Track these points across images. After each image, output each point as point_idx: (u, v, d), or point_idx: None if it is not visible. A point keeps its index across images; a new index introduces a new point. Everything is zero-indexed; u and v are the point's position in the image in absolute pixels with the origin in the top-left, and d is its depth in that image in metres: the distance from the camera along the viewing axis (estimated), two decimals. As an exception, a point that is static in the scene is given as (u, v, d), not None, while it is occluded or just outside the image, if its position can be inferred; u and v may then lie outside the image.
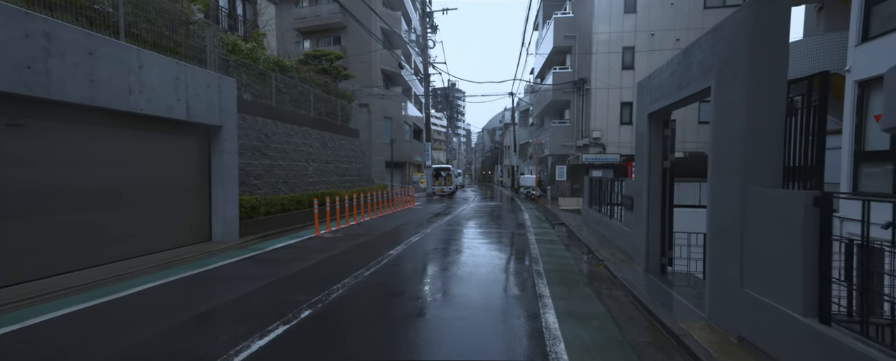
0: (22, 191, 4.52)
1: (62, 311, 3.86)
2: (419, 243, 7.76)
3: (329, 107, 14.81)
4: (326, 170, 13.40)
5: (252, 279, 5.06)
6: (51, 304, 4.05)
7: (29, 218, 4.58)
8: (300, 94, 12.68)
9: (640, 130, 5.63)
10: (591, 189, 9.86)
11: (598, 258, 6.38)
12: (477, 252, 7.02)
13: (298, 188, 11.26)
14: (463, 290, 4.72)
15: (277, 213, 9.23)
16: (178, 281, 5.01)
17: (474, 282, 5.03)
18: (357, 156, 16.60)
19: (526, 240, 8.25)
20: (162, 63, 5.89)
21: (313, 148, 12.81)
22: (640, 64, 19.18)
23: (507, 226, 10.50)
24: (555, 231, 9.89)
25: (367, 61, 26.16)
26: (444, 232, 9.28)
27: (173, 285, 4.83)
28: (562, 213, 14.13)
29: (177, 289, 4.68)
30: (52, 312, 3.83)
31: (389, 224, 10.68)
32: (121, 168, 5.64)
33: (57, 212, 4.84)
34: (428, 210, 15.00)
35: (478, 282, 5.03)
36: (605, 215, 8.15)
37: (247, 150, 9.31)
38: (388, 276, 5.28)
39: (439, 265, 5.97)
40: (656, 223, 5.27)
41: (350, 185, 14.99)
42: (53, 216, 4.81)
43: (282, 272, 5.41)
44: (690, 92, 4.01)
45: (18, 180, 4.50)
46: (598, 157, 19.04)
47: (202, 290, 4.68)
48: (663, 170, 5.26)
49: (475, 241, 8.16)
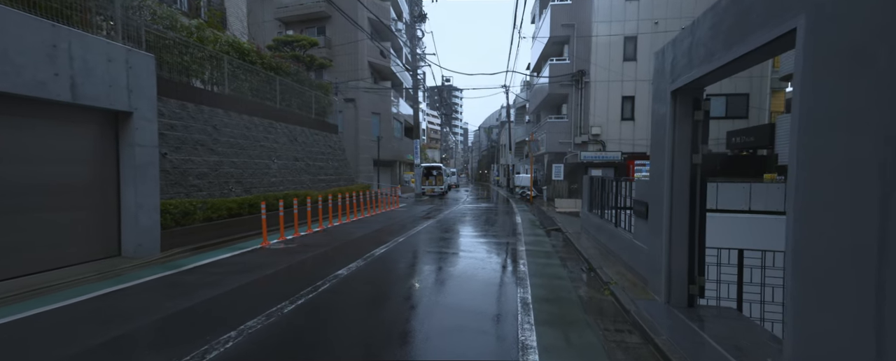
0: None
1: None
2: (382, 258, 6.36)
3: (302, 99, 13.37)
4: (295, 168, 11.97)
5: (118, 319, 3.65)
6: None
7: None
8: (263, 83, 11.23)
9: (658, 115, 4.24)
10: (591, 190, 8.48)
11: (602, 280, 4.99)
12: (452, 270, 5.63)
13: (257, 188, 9.83)
14: (419, 343, 3.32)
15: (222, 219, 7.80)
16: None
17: (435, 325, 3.63)
18: (335, 154, 15.17)
19: (515, 253, 6.86)
20: (22, 22, 4.45)
21: (279, 143, 11.38)
22: (643, 55, 17.82)
23: (495, 233, 9.11)
24: (549, 239, 8.51)
25: (353, 53, 24.70)
26: (420, 242, 7.88)
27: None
28: (558, 216, 12.76)
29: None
30: None
31: (359, 230, 9.27)
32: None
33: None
34: (411, 213, 13.60)
35: (441, 326, 3.63)
36: (608, 222, 6.77)
37: (186, 144, 7.88)
38: (319, 313, 3.88)
39: (399, 293, 4.57)
40: (682, 238, 3.88)
41: (325, 185, 13.56)
42: None
43: (172, 306, 4.00)
44: (752, 45, 2.61)
45: None
46: (597, 155, 17.68)
47: (24, 337, 3.26)
48: (692, 167, 3.88)
49: (454, 255, 6.76)
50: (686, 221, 3.89)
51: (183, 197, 7.37)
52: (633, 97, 18.13)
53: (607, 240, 6.69)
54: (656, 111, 4.32)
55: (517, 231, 9.50)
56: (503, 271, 5.59)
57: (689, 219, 3.88)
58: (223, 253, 6.57)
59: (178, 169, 7.54)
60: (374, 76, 27.42)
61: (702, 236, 3.86)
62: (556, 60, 19.47)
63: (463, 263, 6.04)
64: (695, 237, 3.87)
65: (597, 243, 7.38)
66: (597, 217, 7.63)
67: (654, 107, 4.39)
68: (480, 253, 6.83)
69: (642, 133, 18.14)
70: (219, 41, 9.71)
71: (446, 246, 7.54)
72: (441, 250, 7.10)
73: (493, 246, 7.52)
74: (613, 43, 17.89)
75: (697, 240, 3.86)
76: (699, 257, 3.87)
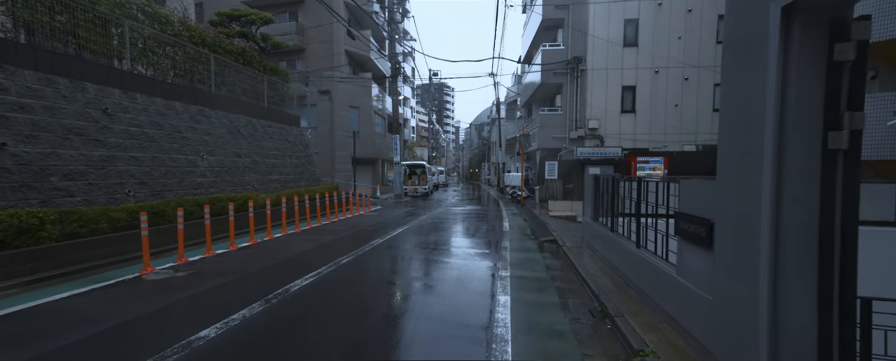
0: None
1: None
2: (297, 297, 4.35)
3: (250, 84, 11.27)
4: (237, 166, 9.88)
5: None
6: None
7: None
8: (191, 61, 9.13)
9: (740, 56, 2.31)
10: (596, 193, 6.56)
11: (630, 344, 3.06)
12: (396, 326, 3.65)
13: (174, 191, 7.74)
14: None
15: (100, 235, 5.71)
16: None
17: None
18: (294, 149, 13.09)
19: (495, 285, 4.90)
20: None
21: (213, 135, 9.28)
22: (645, 39, 16.02)
23: (475, 248, 7.16)
24: (542, 257, 6.57)
25: (327, 40, 22.57)
26: (370, 264, 5.89)
27: None
28: (553, 222, 10.86)
29: None
30: None
31: (302, 244, 7.25)
32: None
33: None
34: (381, 218, 11.59)
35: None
36: (624, 238, 4.85)
37: (49, 132, 5.78)
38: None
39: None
40: (804, 285, 1.96)
41: (279, 186, 11.49)
42: None
43: None
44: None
45: None
46: (595, 151, 15.82)
47: None
48: (827, 155, 1.95)
49: (409, 285, 4.79)
50: (813, 255, 1.96)
51: (34, 206, 5.28)
52: (635, 87, 16.32)
53: (624, 266, 4.76)
54: (733, 48, 2.38)
55: (502, 243, 7.56)
56: (475, 323, 3.63)
57: (817, 252, 1.95)
58: (80, 287, 4.52)
59: (30, 166, 5.44)
60: (352, 67, 25.30)
61: (849, 282, 1.93)
62: (550, 46, 17.57)
63: (418, 307, 4.06)
64: (833, 283, 1.93)
65: (606, 265, 5.45)
66: (605, 228, 5.71)
67: (729, 40, 2.45)
68: (447, 285, 4.85)
69: (644, 126, 16.35)
70: (124, 4, 7.59)
71: (405, 270, 5.56)
72: (397, 277, 5.12)
73: (468, 270, 5.55)
74: (613, 26, 16.05)
75: (841, 289, 1.93)
76: (845, 321, 1.94)
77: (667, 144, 16.13)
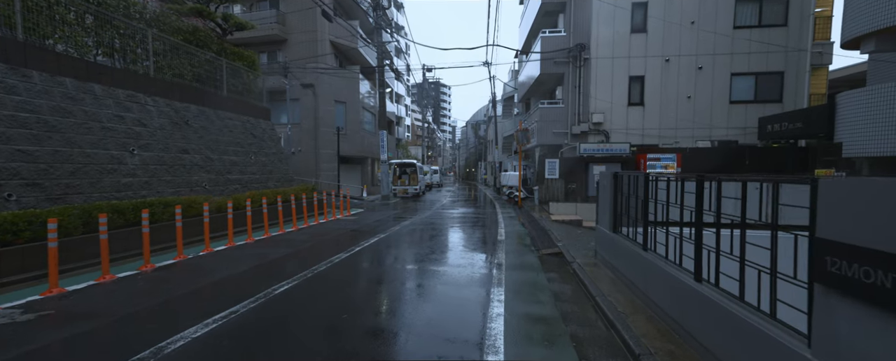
0: None
1: None
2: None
3: (205, 69, 9.69)
4: (181, 163, 8.31)
5: None
6: None
7: None
8: (124, 37, 7.56)
9: None
10: (615, 194, 5.04)
11: None
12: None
13: (84, 195, 6.17)
14: None
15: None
16: None
17: None
18: (262, 145, 11.51)
19: (485, 330, 3.38)
20: None
21: (149, 127, 7.71)
22: (655, 24, 14.53)
23: (462, 264, 5.63)
24: (548, 280, 5.04)
25: (311, 30, 20.96)
26: (315, 297, 4.35)
27: None
28: (555, 228, 9.35)
29: None
30: None
31: (245, 262, 5.70)
32: None
33: None
34: (356, 225, 10.05)
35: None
36: (669, 264, 3.35)
37: None
38: None
39: None
40: None
41: (240, 187, 9.92)
42: None
43: None
44: None
45: None
46: (600, 148, 14.33)
47: None
48: None
49: (354, 341, 3.27)
50: None
51: None
52: (643, 77, 14.81)
53: (672, 305, 3.23)
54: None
55: (496, 258, 6.04)
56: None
57: None
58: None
59: None
60: (339, 59, 23.72)
61: None
62: (550, 32, 16.06)
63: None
64: None
65: (637, 295, 3.94)
66: (633, 244, 4.19)
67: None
68: (413, 339, 3.32)
69: (654, 120, 14.85)
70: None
71: (359, 309, 4.03)
72: (335, 325, 3.58)
73: (449, 307, 4.02)
74: (619, 10, 14.55)
75: None
76: None
77: (678, 140, 14.65)
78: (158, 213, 6.30)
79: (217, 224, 7.41)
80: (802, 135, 11.75)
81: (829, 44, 13.91)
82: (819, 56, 13.90)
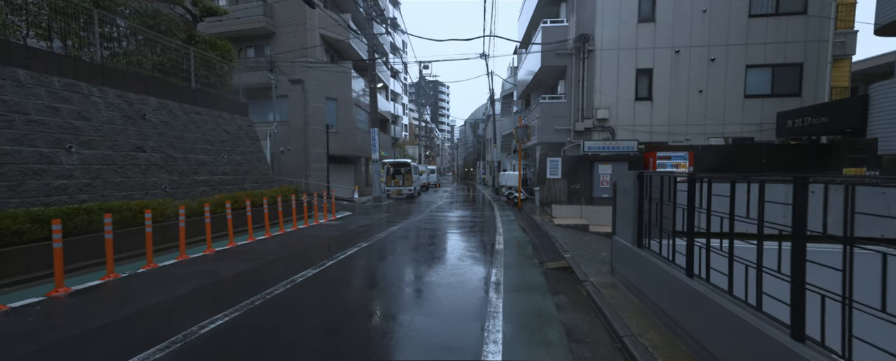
0: None
1: None
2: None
3: (168, 58, 8.66)
4: (134, 162, 7.29)
5: None
6: None
7: None
8: (63, 17, 6.54)
9: None
10: (639, 199, 4.04)
11: None
12: None
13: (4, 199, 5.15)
14: None
15: None
16: None
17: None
18: (237, 143, 10.49)
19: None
20: None
21: (93, 120, 6.69)
22: (664, 13, 13.54)
23: (453, 283, 4.62)
24: (556, 307, 4.02)
25: (300, 23, 19.94)
26: (239, 343, 3.35)
27: None
28: (559, 233, 8.34)
29: None
30: None
31: (164, 292, 4.69)
32: None
33: None
34: (339, 231, 9.03)
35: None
36: (735, 305, 2.34)
37: None
38: None
39: None
40: None
41: (209, 190, 8.89)
42: None
43: None
44: None
45: None
46: (605, 146, 13.32)
47: None
48: None
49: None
50: None
51: None
52: (651, 70, 13.80)
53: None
54: None
55: (493, 274, 5.03)
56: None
57: None
58: None
59: None
60: (330, 54, 22.69)
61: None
62: (551, 22, 15.05)
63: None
64: None
65: (677, 334, 2.93)
66: (671, 267, 3.18)
67: None
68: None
69: (663, 116, 13.85)
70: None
71: (311, 352, 3.02)
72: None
73: (429, 353, 3.02)
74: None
75: None
76: None
77: (689, 137, 13.65)
78: (83, 223, 5.26)
79: (167, 233, 6.39)
80: (828, 131, 10.76)
81: (853, 32, 12.91)
82: (841, 46, 12.90)
